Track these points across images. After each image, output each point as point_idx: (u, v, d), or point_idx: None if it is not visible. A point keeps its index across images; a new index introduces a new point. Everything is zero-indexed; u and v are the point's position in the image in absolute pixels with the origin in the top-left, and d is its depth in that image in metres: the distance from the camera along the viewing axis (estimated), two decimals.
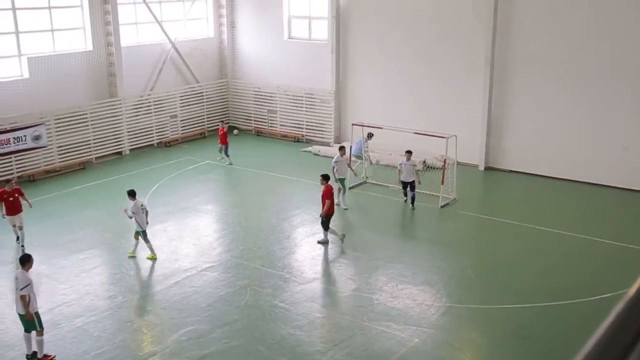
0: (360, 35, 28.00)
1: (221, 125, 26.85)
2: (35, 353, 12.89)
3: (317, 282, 16.19)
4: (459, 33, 25.32)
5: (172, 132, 30.18)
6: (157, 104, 29.50)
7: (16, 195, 18.10)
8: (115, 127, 27.75)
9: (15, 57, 24.62)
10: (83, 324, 14.13)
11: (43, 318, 14.13)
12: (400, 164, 20.95)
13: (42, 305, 14.74)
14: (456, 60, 25.53)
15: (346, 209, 20.82)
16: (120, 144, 28.06)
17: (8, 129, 23.68)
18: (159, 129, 29.68)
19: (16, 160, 24.30)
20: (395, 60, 27.13)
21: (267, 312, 14.68)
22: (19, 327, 13.11)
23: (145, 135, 29.14)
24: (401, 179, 21.00)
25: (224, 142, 26.22)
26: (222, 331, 13.91)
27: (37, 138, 24.53)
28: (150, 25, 29.32)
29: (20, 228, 17.92)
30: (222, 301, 15.12)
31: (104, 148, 27.42)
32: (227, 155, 26.17)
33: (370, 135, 24.89)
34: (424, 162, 25.20)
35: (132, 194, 17.30)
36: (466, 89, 25.45)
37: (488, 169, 25.51)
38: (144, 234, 17.24)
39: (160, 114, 29.68)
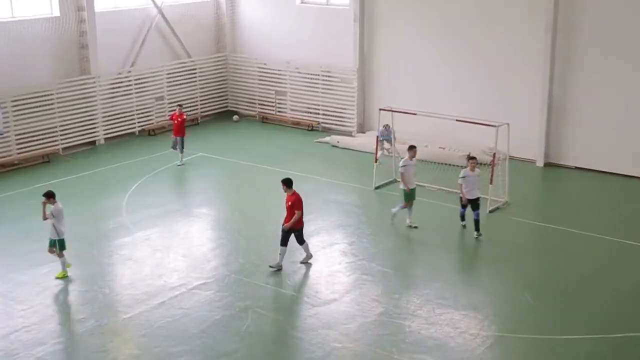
0: None
1: (178, 110, 26.09)
2: None
3: (336, 304, 16.05)
4: None
5: (157, 117, 30.18)
6: (139, 83, 29.52)
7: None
8: (88, 112, 27.79)
9: None
10: (45, 354, 14.06)
11: None
12: (463, 176, 19.44)
13: None
14: (508, 29, 25.30)
15: (416, 227, 19.95)
16: (93, 132, 28.10)
17: None
18: (142, 113, 29.71)
19: None
20: (432, 30, 26.95)
21: (273, 340, 14.60)
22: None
23: (125, 121, 29.19)
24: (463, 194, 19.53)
25: (180, 133, 25.55)
26: None
27: None
28: None
29: None
30: (217, 326, 15.03)
31: (74, 137, 27.48)
32: (182, 151, 25.57)
33: (387, 127, 24.82)
34: (468, 156, 24.96)
35: (51, 195, 17.20)
36: (521, 66, 25.22)
37: (548, 165, 25.28)
38: (61, 243, 17.22)
39: (143, 96, 29.70)
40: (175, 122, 25.52)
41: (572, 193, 23.54)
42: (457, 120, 22.20)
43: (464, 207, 19.60)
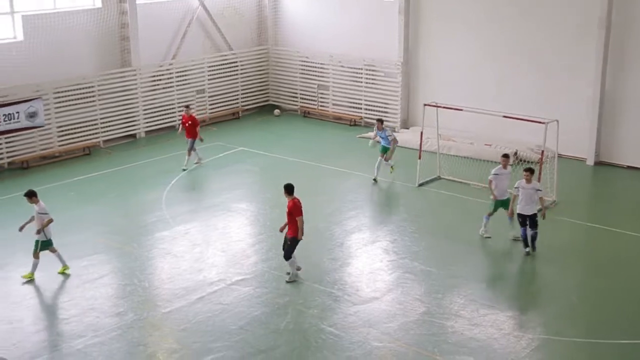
0: None
1: (185, 111, 25.19)
2: None
3: (377, 303, 16.14)
4: None
5: (198, 110, 30.48)
6: (180, 76, 29.85)
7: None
8: (128, 104, 28.23)
9: (8, 14, 25.30)
10: (85, 347, 14.38)
11: (36, 338, 14.54)
12: (517, 187, 18.04)
13: (36, 322, 15.18)
14: (559, 23, 25.10)
15: (518, 239, 18.89)
16: (134, 125, 28.51)
17: None
18: (182, 106, 29.96)
19: (7, 143, 25.02)
20: (480, 23, 26.84)
21: (312, 338, 14.70)
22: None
23: (165, 114, 29.54)
24: (517, 211, 18.17)
25: (192, 135, 24.66)
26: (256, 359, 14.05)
27: (32, 115, 25.17)
28: None
29: None
30: (256, 323, 15.22)
31: (114, 130, 27.94)
32: (193, 151, 24.81)
33: (380, 122, 23.58)
34: (515, 153, 24.89)
35: (33, 194, 17.09)
36: (572, 61, 25.00)
37: (599, 164, 25.05)
38: (44, 244, 17.19)
39: (183, 89, 30.03)
40: (186, 125, 24.74)
41: (623, 193, 23.28)
42: (504, 116, 22.07)
43: (522, 223, 18.19)
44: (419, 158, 23.29)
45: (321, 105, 31.58)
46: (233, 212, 21.48)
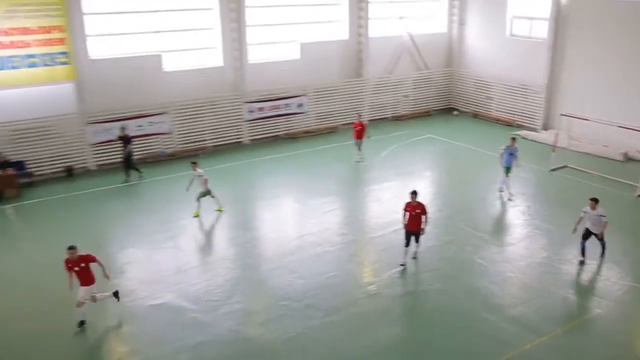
0: (579, 34, 25.74)
1: (357, 117, 23.30)
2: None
3: (513, 247, 15.74)
4: None
5: (403, 109, 30.53)
6: (393, 85, 29.96)
7: (82, 264, 11.81)
8: (360, 101, 28.74)
9: (291, 42, 26.61)
10: (322, 252, 15.29)
11: (294, 243, 15.62)
12: (584, 212, 14.54)
13: (292, 232, 16.25)
14: None
15: None
16: (362, 115, 28.84)
17: (280, 96, 25.88)
18: (393, 105, 30.20)
19: (284, 122, 26.39)
20: (609, 59, 24.64)
21: (467, 265, 14.68)
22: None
23: (381, 109, 29.81)
24: (586, 226, 14.66)
25: (359, 137, 22.70)
26: (427, 274, 14.22)
27: (300, 105, 26.47)
28: (392, 20, 29.63)
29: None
30: (429, 251, 15.39)
31: (349, 117, 28.50)
32: (359, 150, 22.83)
33: (514, 140, 18.76)
34: (625, 154, 22.90)
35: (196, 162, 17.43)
36: None
37: None
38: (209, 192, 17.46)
39: (394, 93, 30.12)
40: (357, 128, 22.73)
41: None
42: (619, 126, 20.40)
43: (585, 238, 14.71)
44: (553, 151, 22.04)
45: (487, 110, 30.53)
46: (421, 177, 21.51)
